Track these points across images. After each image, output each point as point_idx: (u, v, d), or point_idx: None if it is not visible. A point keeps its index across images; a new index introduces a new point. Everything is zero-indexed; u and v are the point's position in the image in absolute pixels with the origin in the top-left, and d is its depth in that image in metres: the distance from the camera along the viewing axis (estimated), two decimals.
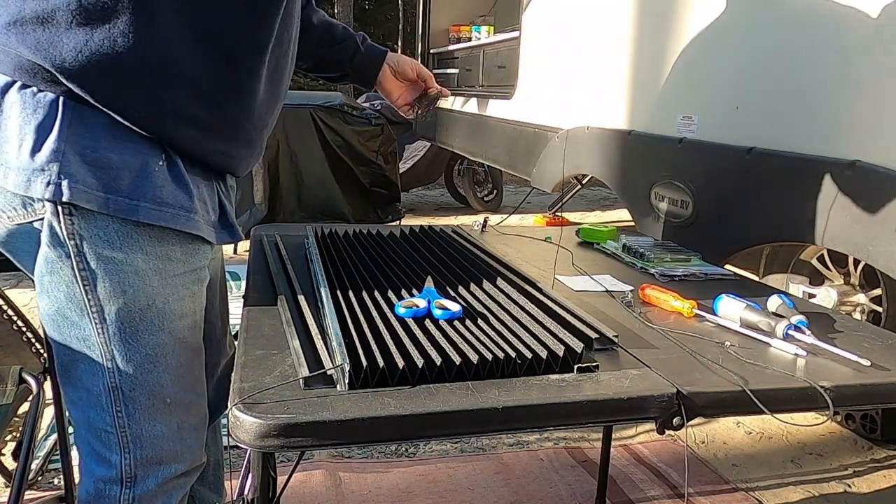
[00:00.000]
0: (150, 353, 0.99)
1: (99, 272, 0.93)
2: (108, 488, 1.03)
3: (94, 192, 0.89)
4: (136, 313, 0.96)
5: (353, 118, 4.67)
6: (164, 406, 1.02)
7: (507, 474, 1.98)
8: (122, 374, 0.97)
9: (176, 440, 1.05)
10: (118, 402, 0.99)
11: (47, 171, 0.87)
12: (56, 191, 0.87)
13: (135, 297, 0.95)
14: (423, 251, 1.40)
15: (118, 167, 0.90)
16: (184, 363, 1.04)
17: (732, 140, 1.84)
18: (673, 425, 0.84)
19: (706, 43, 1.97)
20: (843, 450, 2.24)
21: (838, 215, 1.51)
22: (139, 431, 1.01)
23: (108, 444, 1.01)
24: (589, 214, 6.39)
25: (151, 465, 1.04)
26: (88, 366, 0.97)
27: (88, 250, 0.92)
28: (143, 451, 1.02)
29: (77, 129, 0.88)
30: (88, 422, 1.01)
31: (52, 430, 1.97)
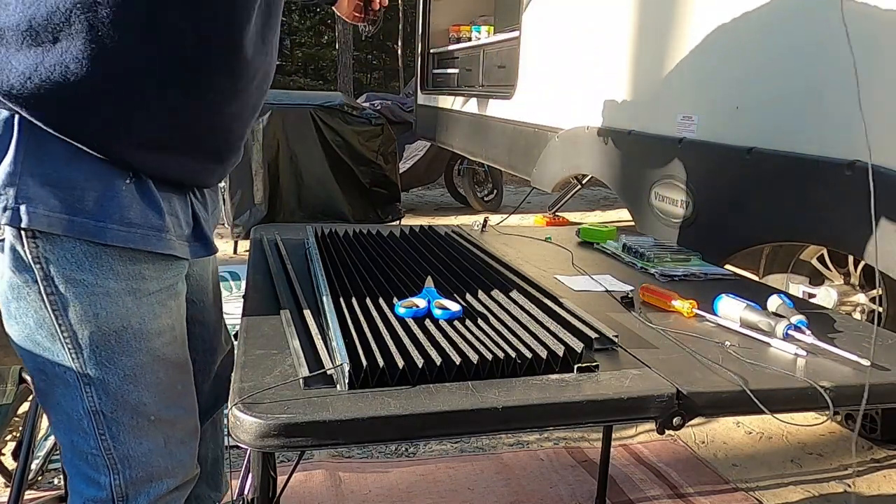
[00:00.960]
0: (129, 374, 0.95)
1: (69, 296, 0.88)
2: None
3: (57, 214, 0.84)
4: (112, 335, 0.92)
5: (353, 118, 4.66)
6: (149, 423, 0.99)
7: (507, 474, 1.98)
8: (102, 397, 0.93)
9: (165, 456, 1.02)
10: (100, 424, 0.95)
11: (3, 195, 0.82)
12: (14, 216, 0.82)
13: (108, 319, 0.91)
14: (423, 251, 1.40)
15: (82, 187, 0.85)
16: (165, 379, 1.00)
17: (732, 140, 1.84)
18: (673, 425, 0.84)
19: (706, 43, 1.97)
20: (843, 450, 2.24)
21: (838, 215, 1.51)
22: (125, 451, 0.98)
23: (96, 466, 0.98)
24: (589, 214, 6.39)
25: (142, 482, 1.00)
26: (66, 390, 0.93)
27: (56, 274, 0.87)
28: (132, 471, 0.99)
29: (34, 148, 0.83)
30: (73, 445, 0.98)
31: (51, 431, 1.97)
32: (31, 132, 0.83)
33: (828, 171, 1.54)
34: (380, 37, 20.42)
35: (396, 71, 17.60)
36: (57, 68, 0.81)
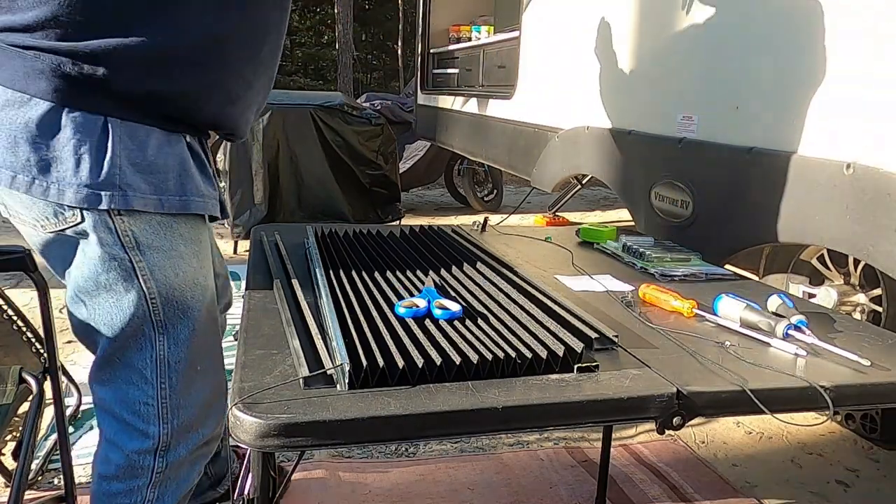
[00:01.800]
0: (194, 326, 1.12)
1: (153, 259, 1.05)
2: (141, 459, 1.13)
3: (149, 196, 1.02)
4: (186, 290, 1.10)
5: (353, 118, 4.66)
6: (197, 374, 1.14)
7: (507, 474, 1.98)
8: (172, 346, 1.10)
9: (206, 407, 1.17)
10: (163, 373, 1.10)
11: (111, 184, 0.98)
12: (121, 201, 0.99)
13: (184, 276, 1.09)
14: (423, 251, 1.40)
15: (164, 171, 1.04)
16: (212, 332, 1.19)
17: (732, 140, 1.84)
18: (673, 425, 0.84)
19: (706, 43, 1.97)
20: (843, 450, 2.24)
21: (838, 215, 1.51)
22: (178, 401, 1.12)
23: (147, 416, 1.11)
24: (589, 214, 6.39)
25: (185, 432, 1.15)
26: (137, 343, 1.08)
27: (142, 243, 1.04)
28: (180, 420, 1.13)
29: (127, 144, 0.99)
30: (126, 399, 1.11)
31: (52, 430, 1.97)
32: (123, 130, 0.99)
33: (828, 171, 1.54)
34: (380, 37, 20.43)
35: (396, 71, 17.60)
36: (144, 51, 0.98)
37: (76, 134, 0.96)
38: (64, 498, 1.57)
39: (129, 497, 1.14)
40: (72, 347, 2.76)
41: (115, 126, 0.98)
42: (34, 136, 0.95)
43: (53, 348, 1.49)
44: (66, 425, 1.55)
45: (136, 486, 1.14)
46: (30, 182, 0.96)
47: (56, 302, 1.45)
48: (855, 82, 1.50)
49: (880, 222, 1.42)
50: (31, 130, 0.95)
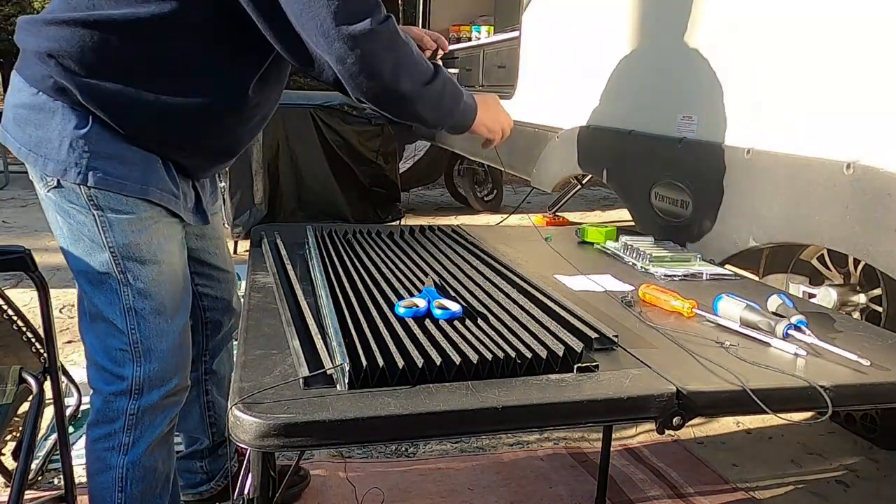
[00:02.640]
0: (153, 279, 1.27)
1: (112, 218, 1.23)
2: (116, 400, 1.29)
3: (113, 178, 1.21)
4: (143, 246, 1.25)
5: (353, 118, 4.66)
6: (167, 325, 1.31)
7: (507, 474, 1.98)
8: (134, 295, 1.26)
9: (176, 357, 1.33)
10: (132, 321, 1.27)
11: (79, 164, 1.19)
12: (84, 178, 1.19)
13: (140, 235, 1.25)
14: (423, 251, 1.40)
15: (132, 162, 1.22)
16: (177, 290, 1.33)
17: (732, 140, 1.84)
18: (673, 425, 0.84)
19: (706, 43, 1.97)
20: (843, 450, 2.24)
21: (838, 215, 1.51)
22: (149, 346, 1.29)
23: (122, 361, 1.28)
24: (589, 214, 6.39)
25: (156, 380, 1.30)
26: (107, 295, 1.26)
27: (104, 205, 1.22)
28: (151, 365, 1.29)
29: (102, 135, 1.20)
30: (105, 347, 1.29)
31: (52, 430, 1.97)
32: (100, 123, 1.19)
33: (827, 171, 1.54)
34: None
35: None
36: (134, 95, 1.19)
37: (63, 122, 1.18)
38: (64, 498, 1.57)
39: (108, 441, 1.31)
40: (72, 347, 2.76)
41: (94, 122, 1.19)
42: (36, 121, 1.20)
43: (53, 348, 1.49)
44: (66, 425, 1.54)
45: (113, 430, 1.30)
46: (27, 152, 1.22)
47: (56, 302, 1.45)
48: (855, 82, 1.50)
49: (880, 222, 1.42)
50: (35, 116, 1.20)
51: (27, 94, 1.20)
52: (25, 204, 5.98)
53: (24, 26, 1.21)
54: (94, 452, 1.33)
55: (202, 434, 1.68)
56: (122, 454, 1.31)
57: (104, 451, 1.32)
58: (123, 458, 1.31)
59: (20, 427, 1.89)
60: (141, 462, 1.32)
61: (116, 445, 1.31)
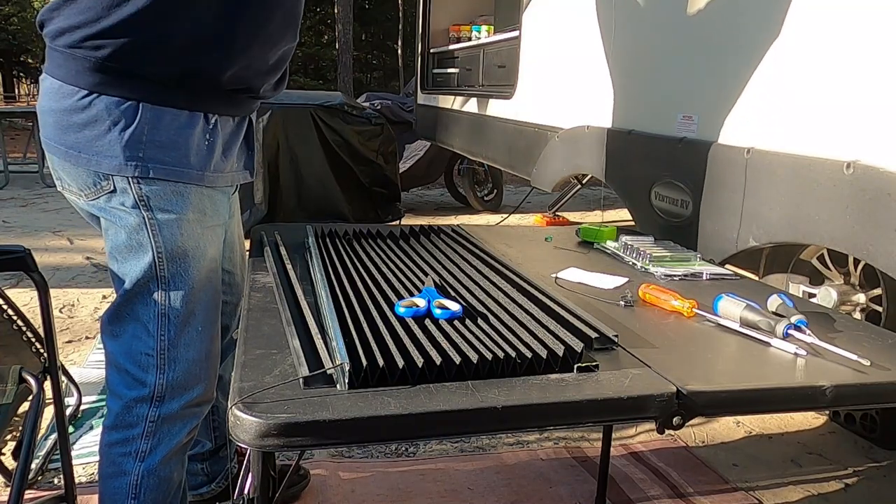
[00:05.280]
0: (193, 286, 1.27)
1: (162, 220, 1.22)
2: (137, 406, 1.27)
3: (171, 167, 1.21)
4: (189, 251, 1.25)
5: (353, 118, 4.66)
6: (196, 335, 1.29)
7: (507, 474, 1.98)
8: (172, 302, 1.25)
9: (202, 367, 1.31)
10: (163, 326, 1.25)
11: (137, 157, 1.18)
12: (143, 170, 1.19)
13: (187, 238, 1.25)
14: (423, 251, 1.40)
15: (182, 148, 1.22)
16: (211, 299, 1.32)
17: (732, 140, 1.84)
18: (673, 425, 0.84)
19: (706, 42, 1.97)
20: (843, 450, 2.24)
21: (838, 215, 1.51)
22: (175, 354, 1.27)
23: (146, 366, 1.26)
24: (589, 214, 6.39)
25: (178, 388, 1.28)
26: (144, 298, 1.25)
27: (154, 206, 1.22)
28: (175, 374, 1.27)
29: (154, 123, 1.19)
30: (130, 350, 1.26)
31: (52, 430, 1.97)
32: (152, 112, 1.18)
33: (827, 171, 1.54)
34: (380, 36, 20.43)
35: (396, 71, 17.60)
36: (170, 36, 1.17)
37: (111, 116, 1.17)
38: (64, 498, 1.57)
39: (125, 447, 1.28)
40: (72, 347, 2.76)
41: (144, 109, 1.18)
42: (81, 120, 1.17)
43: (53, 348, 1.49)
44: (66, 425, 1.55)
45: (131, 435, 1.28)
46: (77, 155, 1.19)
47: (56, 302, 1.45)
48: (855, 82, 1.50)
49: (880, 222, 1.42)
50: (78, 117, 1.17)
51: (65, 95, 1.18)
52: (25, 204, 5.99)
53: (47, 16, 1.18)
54: (110, 456, 1.31)
55: (204, 437, 1.68)
56: (139, 461, 1.29)
57: (120, 455, 1.29)
58: (140, 464, 1.29)
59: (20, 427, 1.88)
60: (157, 471, 1.30)
61: (133, 451, 1.29)
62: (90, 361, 2.62)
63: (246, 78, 1.29)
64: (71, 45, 1.16)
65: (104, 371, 1.34)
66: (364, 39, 19.99)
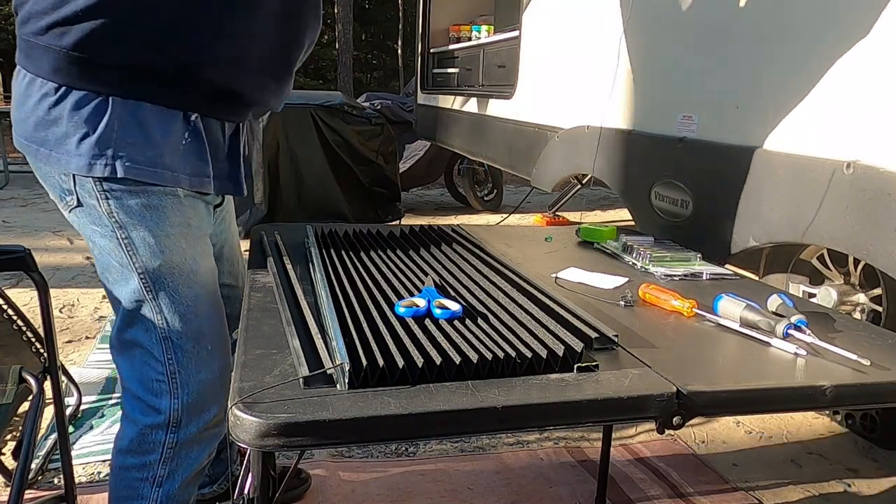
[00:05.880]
0: (190, 304, 1.19)
1: (138, 240, 1.14)
2: (153, 433, 1.21)
3: (143, 167, 1.11)
4: (175, 268, 1.17)
5: (353, 118, 4.66)
6: (207, 353, 1.23)
7: (507, 474, 1.98)
8: (171, 324, 1.18)
9: (216, 387, 1.25)
10: (169, 350, 1.19)
11: (104, 155, 1.09)
12: (112, 170, 1.09)
13: (171, 255, 1.16)
14: (423, 251, 1.40)
15: (157, 146, 1.12)
16: (215, 314, 1.25)
17: (732, 140, 1.84)
18: (673, 425, 0.84)
19: (706, 42, 1.97)
20: (843, 450, 2.24)
21: (838, 215, 1.51)
22: (187, 377, 1.21)
23: (159, 392, 1.20)
24: (589, 214, 6.39)
25: (195, 410, 1.23)
26: (142, 323, 1.18)
27: (127, 224, 1.13)
28: (190, 397, 1.21)
29: (124, 120, 1.10)
30: (141, 377, 1.21)
31: (52, 430, 1.97)
32: (122, 108, 1.09)
33: (828, 171, 1.54)
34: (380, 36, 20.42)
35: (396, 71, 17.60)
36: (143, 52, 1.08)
37: (79, 112, 1.08)
38: (64, 498, 1.57)
39: (142, 472, 1.23)
40: (72, 347, 2.76)
41: (114, 105, 1.09)
42: (51, 116, 1.10)
43: (53, 348, 1.49)
44: (66, 425, 1.55)
45: (148, 461, 1.22)
46: (47, 154, 1.11)
47: (56, 302, 1.45)
48: (855, 81, 1.50)
49: (880, 222, 1.42)
50: (51, 110, 1.10)
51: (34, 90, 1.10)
52: (25, 204, 5.99)
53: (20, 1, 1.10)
54: (126, 479, 1.25)
55: None
56: (157, 486, 1.24)
57: (137, 480, 1.24)
58: (157, 490, 1.24)
59: (20, 427, 1.88)
60: (175, 496, 1.25)
61: (150, 477, 1.23)
62: (90, 361, 2.62)
63: (230, 76, 1.18)
64: (37, 33, 1.08)
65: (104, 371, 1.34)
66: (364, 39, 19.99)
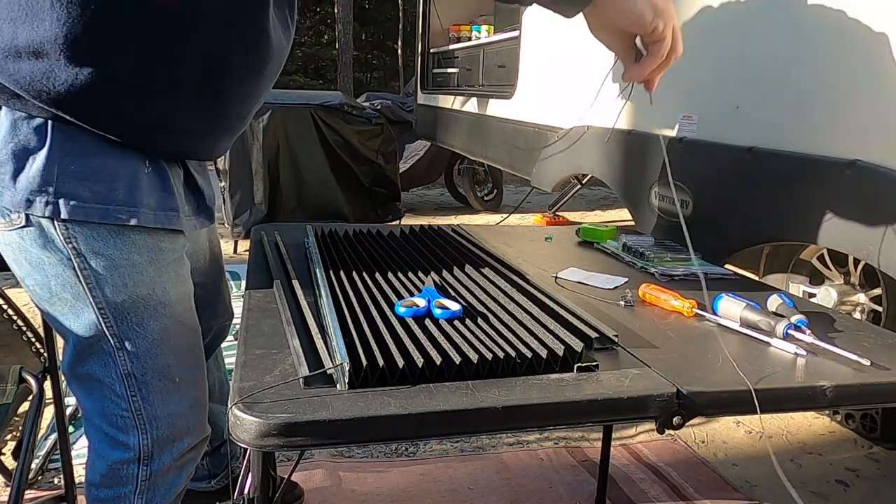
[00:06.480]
0: (157, 338, 1.07)
1: (100, 269, 0.99)
2: (125, 468, 1.11)
3: (91, 205, 0.95)
4: (140, 302, 1.04)
5: (354, 118, 4.66)
6: (174, 386, 1.11)
7: (507, 474, 1.98)
8: (133, 360, 1.05)
9: (188, 416, 1.15)
10: (132, 387, 1.07)
11: (45, 192, 0.93)
12: (55, 209, 0.94)
13: (136, 287, 1.03)
14: (423, 251, 1.40)
15: (111, 178, 0.97)
16: (185, 344, 1.13)
17: (732, 140, 1.84)
18: (673, 425, 0.84)
19: (706, 42, 1.97)
20: (843, 450, 2.24)
21: (838, 215, 1.51)
22: (154, 412, 1.10)
23: (125, 427, 1.09)
24: (589, 214, 6.39)
25: (167, 442, 1.13)
26: (100, 358, 1.04)
27: (87, 251, 0.98)
28: (160, 431, 1.11)
29: (68, 148, 0.94)
30: (103, 411, 1.08)
31: (52, 430, 1.97)
32: (64, 134, 0.93)
33: (828, 171, 1.54)
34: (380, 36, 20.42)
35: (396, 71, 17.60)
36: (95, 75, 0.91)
37: (14, 138, 0.93)
38: (64, 498, 1.57)
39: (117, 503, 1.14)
40: None
41: (56, 130, 0.94)
42: None
43: (53, 348, 1.49)
44: (66, 425, 1.55)
45: (122, 493, 1.14)
46: None
47: None
48: (855, 81, 1.50)
49: (880, 222, 1.42)
50: None
51: None
52: None
53: None
54: None
55: None
56: None
57: None
58: None
59: (20, 427, 1.89)
60: None
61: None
62: None
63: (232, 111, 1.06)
64: None
65: None
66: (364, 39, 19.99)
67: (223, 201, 4.48)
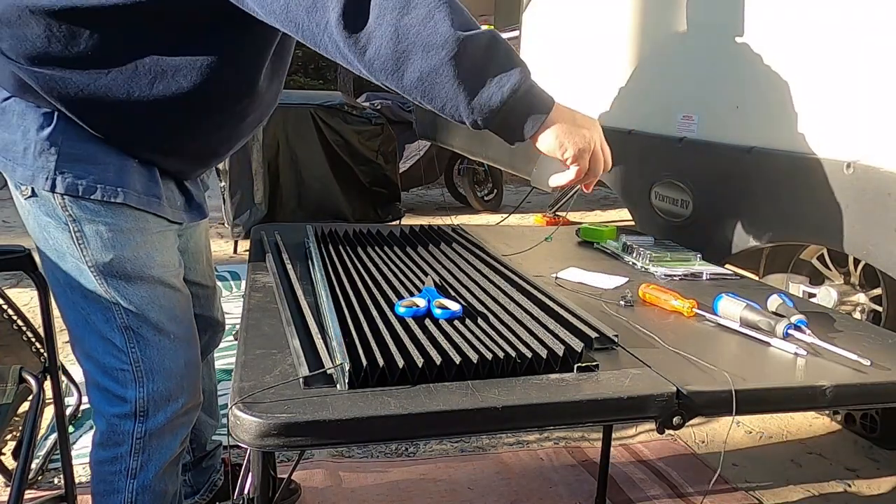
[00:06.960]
0: (146, 296, 1.19)
1: (90, 234, 1.14)
2: (121, 423, 1.22)
3: (86, 183, 1.11)
4: (127, 262, 1.16)
5: (354, 118, 4.66)
6: (170, 342, 1.23)
7: (507, 474, 1.98)
8: (128, 314, 1.18)
9: (183, 376, 1.25)
10: (131, 339, 1.19)
11: (46, 168, 1.10)
12: (52, 184, 1.11)
13: (123, 249, 1.16)
14: (423, 251, 1.40)
15: (104, 162, 1.12)
16: (177, 304, 1.25)
17: (732, 140, 1.84)
18: (673, 425, 0.84)
19: (706, 42, 1.97)
20: (843, 450, 2.24)
21: (838, 215, 1.51)
22: (151, 365, 1.21)
23: (124, 381, 1.20)
24: (589, 214, 6.39)
25: (162, 400, 1.23)
26: (101, 314, 1.18)
27: (81, 218, 1.13)
28: (156, 385, 1.22)
29: (70, 134, 1.11)
30: (104, 367, 1.20)
31: (52, 430, 1.97)
32: (68, 123, 1.10)
33: (828, 171, 1.54)
34: None
35: None
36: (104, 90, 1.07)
37: (26, 122, 1.10)
38: (64, 498, 1.57)
39: (115, 465, 1.24)
40: None
41: (60, 119, 1.10)
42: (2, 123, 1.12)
43: (53, 348, 1.49)
44: (66, 425, 1.55)
45: (119, 453, 1.23)
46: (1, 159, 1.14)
47: None
48: (855, 81, 1.50)
49: (880, 222, 1.42)
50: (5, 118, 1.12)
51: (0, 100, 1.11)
52: None
53: None
54: (101, 474, 1.26)
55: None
56: (131, 478, 1.24)
57: (110, 474, 1.24)
58: (132, 482, 1.24)
59: (20, 427, 1.89)
60: (151, 486, 1.25)
61: (123, 469, 1.24)
62: None
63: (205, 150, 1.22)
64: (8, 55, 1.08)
65: None
66: None
67: (223, 201, 4.48)
